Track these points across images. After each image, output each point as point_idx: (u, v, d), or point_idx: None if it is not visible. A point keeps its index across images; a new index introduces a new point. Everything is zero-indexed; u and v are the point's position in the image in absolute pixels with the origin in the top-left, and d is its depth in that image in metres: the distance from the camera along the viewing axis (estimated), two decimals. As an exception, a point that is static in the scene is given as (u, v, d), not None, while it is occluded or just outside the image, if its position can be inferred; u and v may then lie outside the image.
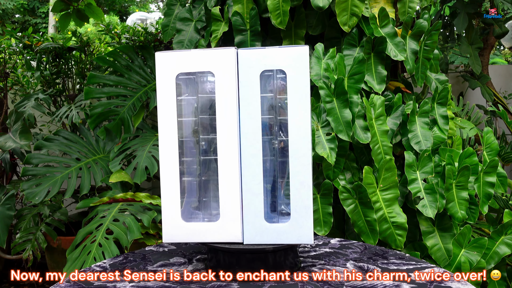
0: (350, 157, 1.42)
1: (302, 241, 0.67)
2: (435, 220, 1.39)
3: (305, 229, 0.67)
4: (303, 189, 0.67)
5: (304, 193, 0.67)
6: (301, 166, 0.67)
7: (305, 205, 0.67)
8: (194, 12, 1.81)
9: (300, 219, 0.67)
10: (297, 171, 0.67)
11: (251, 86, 0.67)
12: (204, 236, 0.69)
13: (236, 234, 0.68)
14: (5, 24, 8.62)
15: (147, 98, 2.01)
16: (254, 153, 0.67)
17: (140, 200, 1.58)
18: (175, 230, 0.69)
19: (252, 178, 0.68)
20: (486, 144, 1.58)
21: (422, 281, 0.67)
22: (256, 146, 0.67)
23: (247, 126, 0.67)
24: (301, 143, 0.67)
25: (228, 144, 0.68)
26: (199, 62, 0.68)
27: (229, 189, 0.68)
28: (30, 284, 2.18)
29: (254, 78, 0.67)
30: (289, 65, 0.66)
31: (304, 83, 0.66)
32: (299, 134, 0.67)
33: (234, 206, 0.68)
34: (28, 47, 2.37)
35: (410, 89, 1.62)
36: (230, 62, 0.67)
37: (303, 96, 0.66)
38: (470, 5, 2.77)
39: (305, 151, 0.67)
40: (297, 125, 0.67)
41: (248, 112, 0.67)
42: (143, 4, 11.32)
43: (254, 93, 0.67)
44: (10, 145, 1.86)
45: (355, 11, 1.42)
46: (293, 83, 0.66)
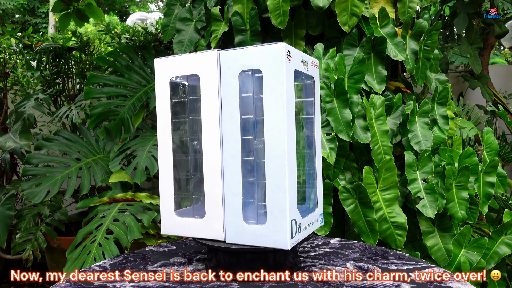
0: (350, 157, 1.42)
1: (277, 245, 0.65)
2: (435, 220, 1.39)
3: (280, 233, 0.64)
4: (279, 192, 0.64)
5: (279, 196, 0.64)
6: (277, 168, 0.64)
7: (280, 209, 0.64)
8: (194, 12, 1.81)
9: (275, 223, 0.65)
10: (273, 173, 0.65)
11: (231, 86, 0.67)
12: (194, 231, 0.71)
13: (219, 232, 0.69)
14: (5, 24, 8.62)
15: (147, 98, 2.01)
16: (233, 154, 0.67)
17: (140, 200, 1.58)
18: (170, 224, 0.73)
19: (231, 178, 0.68)
20: (486, 144, 1.58)
21: (422, 281, 0.67)
22: (235, 146, 0.67)
23: (227, 127, 0.68)
24: (276, 144, 0.64)
25: (210, 144, 0.69)
26: (188, 66, 0.71)
27: (212, 188, 0.69)
28: (30, 284, 2.18)
29: (233, 78, 0.67)
30: (265, 63, 0.65)
31: (279, 81, 0.64)
32: (274, 134, 0.64)
33: (216, 205, 0.69)
34: (28, 47, 2.37)
35: (410, 89, 1.62)
36: (211, 64, 0.68)
37: (278, 96, 0.64)
38: (470, 5, 2.77)
39: (280, 152, 0.64)
40: (272, 125, 0.65)
41: (228, 113, 0.67)
42: (143, 4, 11.32)
43: (233, 93, 0.67)
44: (10, 145, 1.86)
45: (355, 11, 1.42)
46: (269, 82, 0.65)
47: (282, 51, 0.64)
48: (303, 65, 0.70)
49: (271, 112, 0.65)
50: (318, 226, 0.76)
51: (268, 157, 0.65)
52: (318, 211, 0.77)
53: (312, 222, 0.73)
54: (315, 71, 0.76)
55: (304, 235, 0.69)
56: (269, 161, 0.65)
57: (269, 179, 0.65)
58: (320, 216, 0.78)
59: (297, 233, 0.67)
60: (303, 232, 0.69)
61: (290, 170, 0.65)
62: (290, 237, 0.64)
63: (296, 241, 0.66)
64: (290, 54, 0.66)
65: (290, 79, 0.65)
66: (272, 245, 0.65)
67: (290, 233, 0.64)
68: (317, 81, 0.77)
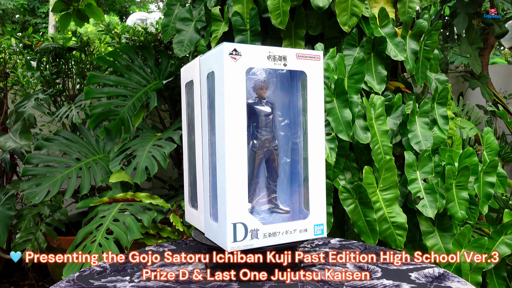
0: (350, 157, 1.42)
1: (222, 245, 0.65)
2: (435, 220, 1.39)
3: (223, 234, 0.64)
4: (222, 193, 0.64)
5: (222, 198, 0.64)
6: (221, 169, 0.64)
7: (223, 211, 0.64)
8: (194, 12, 1.81)
9: (221, 223, 0.65)
10: (219, 175, 0.65)
11: (202, 89, 0.72)
12: (194, 221, 0.79)
13: (202, 224, 0.75)
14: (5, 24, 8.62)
15: (147, 98, 2.01)
16: (205, 155, 0.72)
17: (140, 200, 1.58)
18: (186, 212, 0.84)
19: (204, 177, 0.73)
20: (486, 144, 1.58)
21: (422, 281, 0.67)
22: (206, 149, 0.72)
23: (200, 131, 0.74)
24: (220, 145, 0.65)
25: (198, 144, 0.74)
26: (190, 73, 0.78)
27: (200, 184, 0.74)
28: (30, 284, 2.18)
29: (203, 81, 0.71)
30: (215, 65, 0.66)
31: (222, 82, 0.63)
32: (219, 136, 0.65)
33: (201, 200, 0.75)
34: (28, 47, 2.37)
35: (410, 89, 1.62)
36: (196, 69, 0.74)
37: (222, 96, 0.63)
38: (470, 5, 2.77)
39: (222, 153, 0.63)
40: (218, 126, 0.65)
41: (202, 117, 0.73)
42: (143, 4, 11.32)
43: (204, 96, 0.71)
44: (10, 145, 1.86)
45: (355, 11, 1.42)
46: (217, 83, 0.65)
47: (223, 52, 0.63)
48: (272, 61, 0.67)
49: (218, 113, 0.65)
50: (309, 236, 0.70)
51: (217, 158, 0.66)
52: (311, 221, 0.70)
53: (296, 231, 0.68)
54: (311, 65, 0.70)
55: (268, 242, 0.66)
56: (217, 162, 0.66)
57: (217, 180, 0.66)
58: (318, 227, 0.71)
59: (250, 238, 0.65)
60: (264, 239, 0.66)
61: (233, 171, 0.63)
62: (232, 240, 0.63)
63: (246, 246, 0.64)
64: (238, 53, 0.64)
65: (236, 79, 0.63)
66: (220, 245, 0.66)
67: (233, 236, 0.63)
68: (315, 75, 0.70)
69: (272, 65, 0.67)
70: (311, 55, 0.70)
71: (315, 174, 0.71)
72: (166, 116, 2.62)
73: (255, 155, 0.71)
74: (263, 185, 0.73)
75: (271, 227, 0.67)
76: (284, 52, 0.68)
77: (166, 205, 1.57)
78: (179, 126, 1.93)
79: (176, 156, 2.39)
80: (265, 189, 0.73)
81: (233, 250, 0.64)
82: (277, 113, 0.73)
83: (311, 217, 0.70)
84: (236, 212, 0.64)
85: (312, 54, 0.70)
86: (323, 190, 0.72)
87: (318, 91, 0.71)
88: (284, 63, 0.68)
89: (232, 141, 0.63)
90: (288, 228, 0.68)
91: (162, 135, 1.88)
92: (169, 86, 2.22)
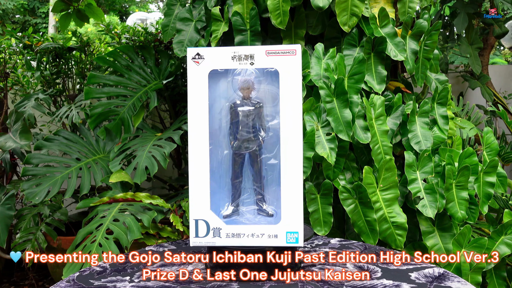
0: (350, 157, 1.42)
1: None
2: (435, 220, 1.39)
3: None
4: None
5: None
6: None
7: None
8: (194, 12, 1.81)
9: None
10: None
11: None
12: None
13: None
14: (5, 24, 8.63)
15: (147, 98, 2.01)
16: None
17: (140, 200, 1.58)
18: None
19: None
20: (486, 144, 1.58)
21: (422, 281, 0.67)
22: None
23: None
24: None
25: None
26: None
27: None
28: (30, 284, 2.18)
29: None
30: None
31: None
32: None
33: None
34: (28, 47, 2.37)
35: (410, 89, 1.62)
36: None
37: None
38: (470, 5, 2.77)
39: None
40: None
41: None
42: (143, 4, 11.32)
43: None
44: (10, 145, 1.86)
45: (355, 11, 1.42)
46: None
47: (187, 57, 0.67)
48: (237, 61, 0.67)
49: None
50: (280, 243, 0.67)
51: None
52: (282, 227, 0.67)
53: (264, 235, 0.67)
54: (284, 61, 0.67)
55: (231, 243, 0.67)
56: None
57: None
58: (292, 235, 0.67)
59: (212, 235, 0.67)
60: (227, 239, 0.67)
61: (194, 171, 0.66)
62: (193, 235, 0.67)
63: (208, 243, 0.67)
64: (201, 57, 0.66)
65: (198, 82, 0.66)
66: None
67: (194, 231, 0.67)
68: (290, 72, 0.67)
69: (237, 65, 0.67)
70: (284, 50, 0.67)
71: (289, 177, 0.67)
72: (166, 116, 2.62)
73: (234, 156, 0.70)
74: (248, 186, 0.71)
75: (235, 228, 0.67)
76: (252, 50, 0.67)
77: (166, 205, 1.57)
78: (179, 126, 1.93)
79: (176, 156, 2.39)
80: (250, 190, 0.71)
81: (194, 245, 0.67)
82: (265, 113, 0.70)
83: (282, 223, 0.67)
84: (197, 209, 0.66)
85: (286, 49, 0.67)
86: (298, 194, 0.67)
87: (294, 89, 0.66)
88: (251, 62, 0.67)
89: (192, 142, 0.66)
90: (255, 231, 0.67)
91: (162, 135, 1.87)
92: (169, 86, 2.22)
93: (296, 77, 0.66)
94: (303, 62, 1.41)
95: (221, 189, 0.71)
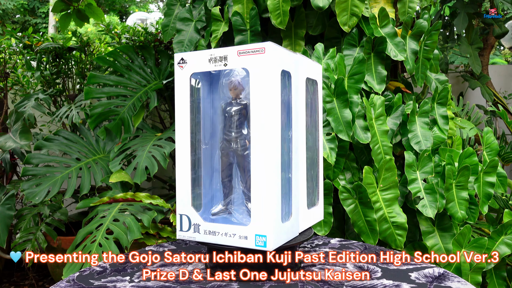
0: (350, 157, 1.42)
1: None
2: (435, 220, 1.39)
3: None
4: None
5: None
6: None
7: None
8: (194, 12, 1.81)
9: None
10: None
11: None
12: None
13: None
14: (5, 24, 8.63)
15: (147, 98, 2.01)
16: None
17: (140, 200, 1.58)
18: None
19: None
20: (486, 144, 1.58)
21: (422, 281, 0.67)
22: None
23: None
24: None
25: None
26: None
27: None
28: (30, 284, 2.18)
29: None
30: None
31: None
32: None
33: None
34: (28, 47, 2.37)
35: (410, 89, 1.62)
36: None
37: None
38: (470, 5, 2.77)
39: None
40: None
41: None
42: (143, 4, 11.32)
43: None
44: (10, 145, 1.86)
45: (355, 11, 1.42)
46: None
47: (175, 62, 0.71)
48: (213, 63, 0.68)
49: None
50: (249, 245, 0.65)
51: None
52: (251, 229, 0.64)
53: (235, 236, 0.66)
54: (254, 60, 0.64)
55: (208, 239, 0.68)
56: None
57: None
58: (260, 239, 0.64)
59: (193, 231, 0.70)
60: (205, 235, 0.69)
61: (180, 168, 0.71)
62: (179, 229, 0.71)
63: (190, 238, 0.71)
64: (184, 61, 0.70)
65: (182, 86, 0.70)
66: None
67: (179, 225, 0.71)
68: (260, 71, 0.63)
69: (213, 67, 0.68)
70: (254, 49, 0.64)
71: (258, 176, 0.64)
72: (166, 116, 2.62)
73: (222, 156, 0.72)
74: (238, 185, 0.72)
75: (212, 226, 0.68)
76: (225, 52, 0.67)
77: (166, 205, 1.57)
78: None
79: (176, 156, 2.39)
80: (240, 189, 0.72)
81: (179, 238, 0.71)
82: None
83: (252, 225, 0.64)
84: (182, 205, 0.70)
85: (256, 47, 0.64)
86: (270, 195, 0.63)
87: (263, 87, 0.63)
88: (224, 63, 0.67)
89: (178, 141, 0.71)
90: (228, 230, 0.67)
91: (162, 135, 1.88)
92: (169, 86, 2.22)
93: (265, 75, 0.63)
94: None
95: (216, 188, 0.73)
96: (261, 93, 0.63)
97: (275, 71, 0.64)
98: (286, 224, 0.67)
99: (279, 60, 0.65)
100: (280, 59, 0.65)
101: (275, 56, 0.64)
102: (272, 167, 0.63)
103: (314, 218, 0.79)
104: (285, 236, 0.67)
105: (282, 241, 0.66)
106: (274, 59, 0.63)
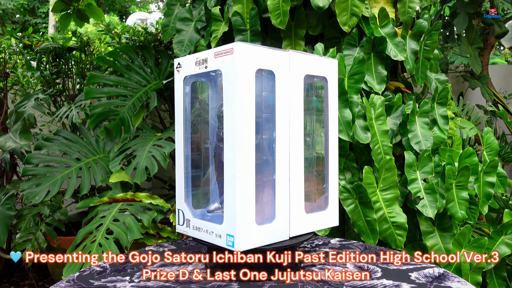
0: (350, 157, 1.42)
1: None
2: (435, 220, 1.39)
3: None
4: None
5: None
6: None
7: None
8: (194, 12, 1.81)
9: None
10: None
11: None
12: None
13: None
14: (5, 24, 8.63)
15: (147, 98, 2.01)
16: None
17: (140, 200, 1.58)
18: None
19: None
20: (486, 144, 1.58)
21: (422, 281, 0.67)
22: None
23: None
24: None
25: None
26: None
27: None
28: (30, 284, 2.18)
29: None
30: None
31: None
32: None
33: None
34: (28, 47, 2.37)
35: (410, 89, 1.62)
36: None
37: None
38: (470, 5, 2.77)
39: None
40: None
41: None
42: (143, 4, 11.32)
43: None
44: (10, 145, 1.86)
45: (355, 11, 1.42)
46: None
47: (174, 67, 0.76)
48: (198, 66, 0.69)
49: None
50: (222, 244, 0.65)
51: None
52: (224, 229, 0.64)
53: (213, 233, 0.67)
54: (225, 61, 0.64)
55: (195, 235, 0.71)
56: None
57: None
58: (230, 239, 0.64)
59: (186, 225, 0.74)
60: (193, 231, 0.72)
61: (178, 165, 0.74)
62: (177, 222, 0.76)
63: (184, 231, 0.74)
64: (180, 66, 0.74)
65: (178, 88, 0.74)
66: None
67: (177, 219, 0.76)
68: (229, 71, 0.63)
69: (197, 69, 0.70)
70: (225, 50, 0.64)
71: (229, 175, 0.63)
72: (166, 116, 2.62)
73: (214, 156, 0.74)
74: None
75: (197, 222, 0.71)
76: (206, 54, 0.68)
77: (166, 205, 1.57)
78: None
79: (176, 156, 2.39)
80: None
81: (178, 231, 0.75)
82: None
83: (224, 225, 0.65)
84: (179, 200, 0.75)
85: (226, 49, 0.64)
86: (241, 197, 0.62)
87: (233, 88, 0.62)
88: (205, 65, 0.68)
89: (177, 141, 0.75)
90: (208, 228, 0.68)
91: (162, 135, 1.87)
92: (169, 86, 2.22)
93: (234, 75, 0.62)
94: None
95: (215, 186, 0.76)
96: (231, 93, 0.63)
97: (244, 71, 0.63)
98: (264, 227, 0.66)
99: (250, 59, 0.63)
100: (252, 59, 0.64)
101: (244, 56, 0.63)
102: (243, 168, 0.62)
103: (319, 224, 0.75)
104: (263, 238, 0.65)
105: (256, 244, 0.65)
106: (242, 59, 0.62)
